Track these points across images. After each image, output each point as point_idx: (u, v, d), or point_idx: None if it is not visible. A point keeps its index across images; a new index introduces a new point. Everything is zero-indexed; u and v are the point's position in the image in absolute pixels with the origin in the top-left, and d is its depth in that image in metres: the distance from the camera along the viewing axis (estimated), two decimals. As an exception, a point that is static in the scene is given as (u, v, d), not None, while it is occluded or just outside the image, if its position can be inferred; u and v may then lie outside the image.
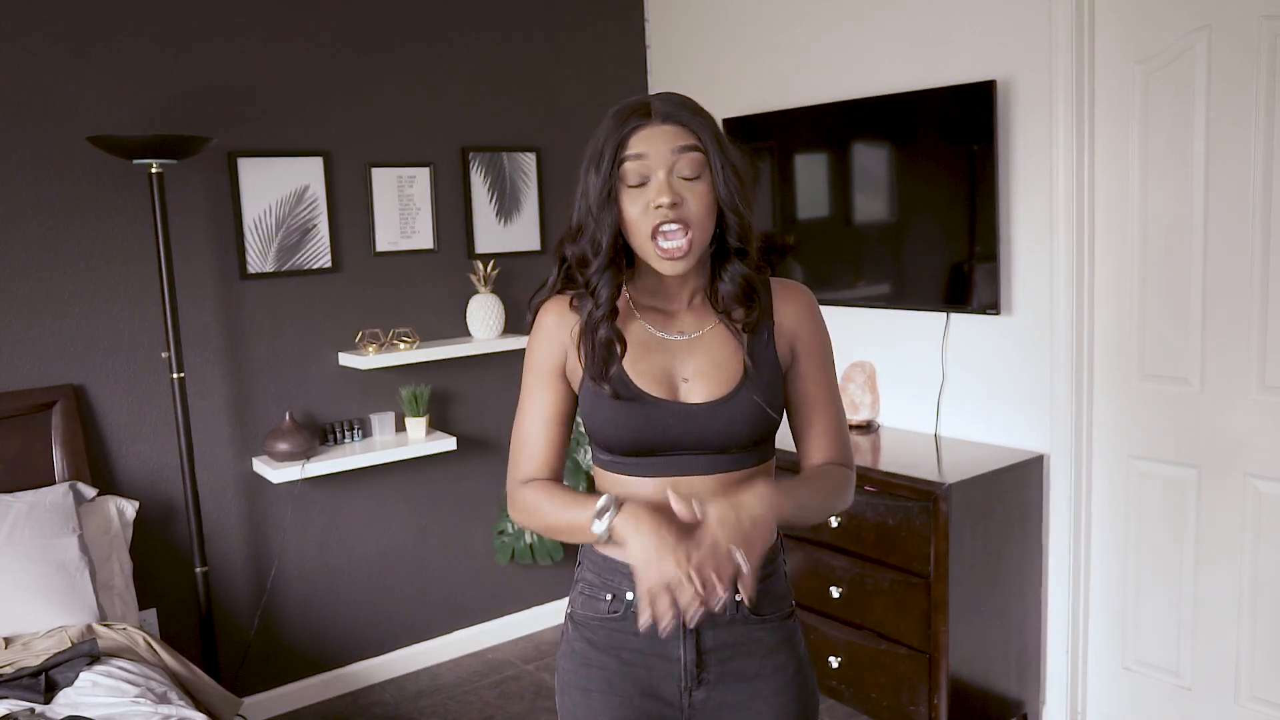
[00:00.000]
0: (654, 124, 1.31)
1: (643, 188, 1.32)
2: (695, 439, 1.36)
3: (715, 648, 1.41)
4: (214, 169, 3.11)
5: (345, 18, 3.31)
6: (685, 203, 1.31)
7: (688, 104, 1.35)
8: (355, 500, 3.45)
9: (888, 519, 2.77)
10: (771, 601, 1.45)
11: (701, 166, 1.32)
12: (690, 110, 1.34)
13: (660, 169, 1.31)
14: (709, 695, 1.42)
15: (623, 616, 1.41)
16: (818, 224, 3.39)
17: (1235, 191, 2.50)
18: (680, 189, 1.31)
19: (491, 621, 3.80)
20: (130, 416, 3.02)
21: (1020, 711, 2.95)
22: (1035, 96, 2.80)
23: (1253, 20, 2.41)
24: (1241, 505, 2.58)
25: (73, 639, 2.39)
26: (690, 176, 1.31)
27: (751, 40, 3.60)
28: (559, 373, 1.44)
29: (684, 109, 1.33)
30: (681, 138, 1.31)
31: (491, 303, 3.53)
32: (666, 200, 1.29)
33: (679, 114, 1.32)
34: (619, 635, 1.42)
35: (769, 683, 1.43)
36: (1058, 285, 2.82)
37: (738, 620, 1.42)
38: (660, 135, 1.31)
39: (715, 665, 1.41)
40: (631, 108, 1.34)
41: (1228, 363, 2.56)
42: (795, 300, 1.45)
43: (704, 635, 1.41)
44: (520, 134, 3.72)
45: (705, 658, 1.41)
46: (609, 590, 1.42)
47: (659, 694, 1.42)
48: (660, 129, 1.31)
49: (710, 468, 1.37)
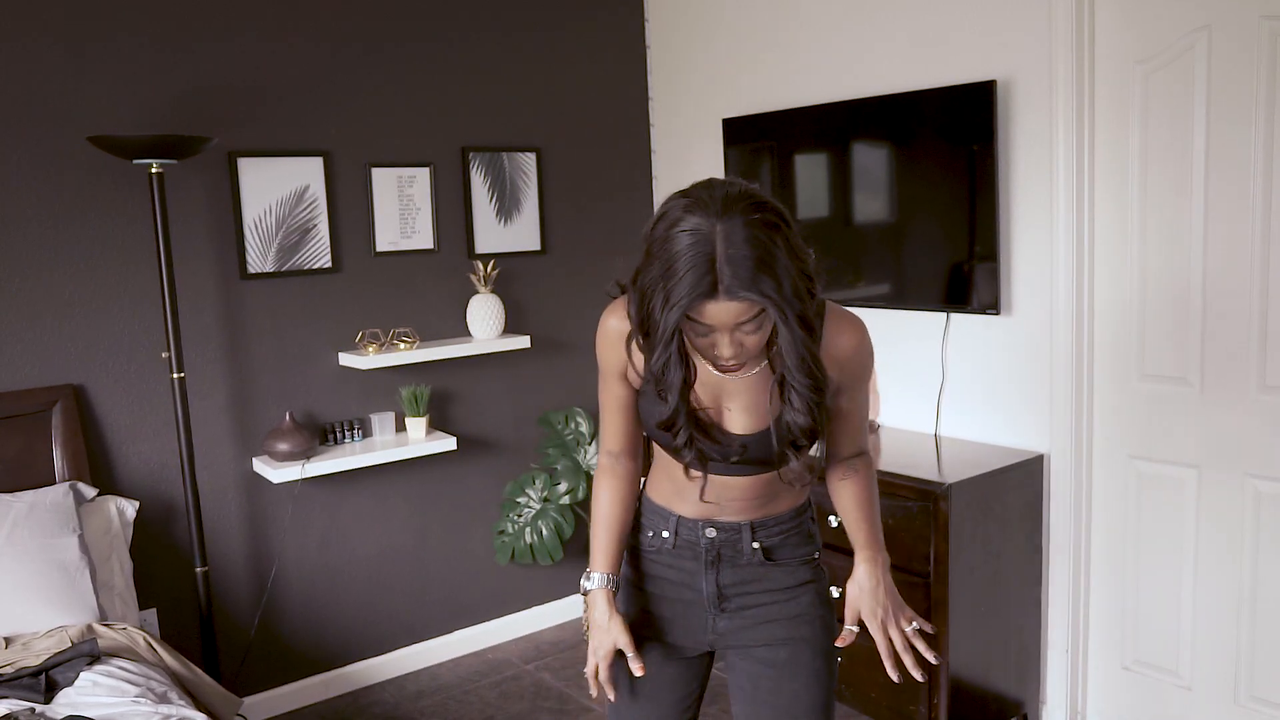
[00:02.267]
0: (720, 300, 1.33)
1: (708, 336, 1.39)
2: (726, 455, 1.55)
3: (733, 583, 1.67)
4: (214, 169, 3.11)
5: (345, 18, 3.31)
6: (744, 349, 1.40)
7: (758, 261, 1.31)
8: (355, 500, 3.45)
9: (888, 519, 2.77)
10: (788, 549, 1.68)
11: (762, 321, 1.37)
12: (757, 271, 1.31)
13: (724, 332, 1.37)
14: (731, 623, 1.67)
15: (658, 550, 1.69)
16: (818, 224, 3.39)
17: (1235, 191, 2.50)
18: (741, 339, 1.38)
19: (491, 621, 3.80)
20: (130, 416, 3.02)
21: (1020, 711, 2.95)
22: (1035, 96, 2.80)
23: (1253, 20, 2.41)
24: (1241, 505, 2.58)
25: (73, 639, 2.39)
26: (751, 331, 1.38)
27: (751, 40, 3.60)
28: (620, 374, 1.62)
29: (753, 278, 1.31)
30: (746, 312, 1.34)
31: (491, 303, 3.53)
32: (727, 355, 1.39)
33: (745, 293, 1.31)
34: (657, 565, 1.70)
35: (782, 609, 1.67)
36: (1058, 285, 2.82)
37: (754, 563, 1.66)
38: (726, 311, 1.34)
39: (735, 598, 1.67)
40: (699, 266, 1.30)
41: (1227, 363, 2.56)
42: (847, 334, 1.55)
43: (723, 572, 1.66)
44: (520, 134, 3.72)
45: (725, 590, 1.66)
46: (650, 528, 1.71)
47: (689, 621, 1.69)
48: (726, 306, 1.33)
49: (746, 473, 1.59)
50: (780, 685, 1.67)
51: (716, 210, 1.31)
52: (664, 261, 1.33)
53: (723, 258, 1.30)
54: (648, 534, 1.71)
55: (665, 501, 1.67)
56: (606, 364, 1.62)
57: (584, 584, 1.66)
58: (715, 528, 1.64)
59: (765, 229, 1.32)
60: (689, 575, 1.67)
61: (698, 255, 1.30)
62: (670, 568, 1.69)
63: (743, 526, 1.65)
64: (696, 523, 1.65)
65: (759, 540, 1.65)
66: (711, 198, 1.33)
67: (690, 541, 1.65)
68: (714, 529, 1.64)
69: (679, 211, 1.34)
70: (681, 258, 1.31)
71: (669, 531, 1.67)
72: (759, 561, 1.66)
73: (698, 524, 1.65)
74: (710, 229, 1.30)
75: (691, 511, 1.64)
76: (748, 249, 1.30)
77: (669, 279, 1.32)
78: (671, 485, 1.65)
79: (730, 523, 1.65)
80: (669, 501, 1.67)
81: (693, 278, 1.31)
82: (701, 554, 1.65)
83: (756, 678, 1.68)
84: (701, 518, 1.64)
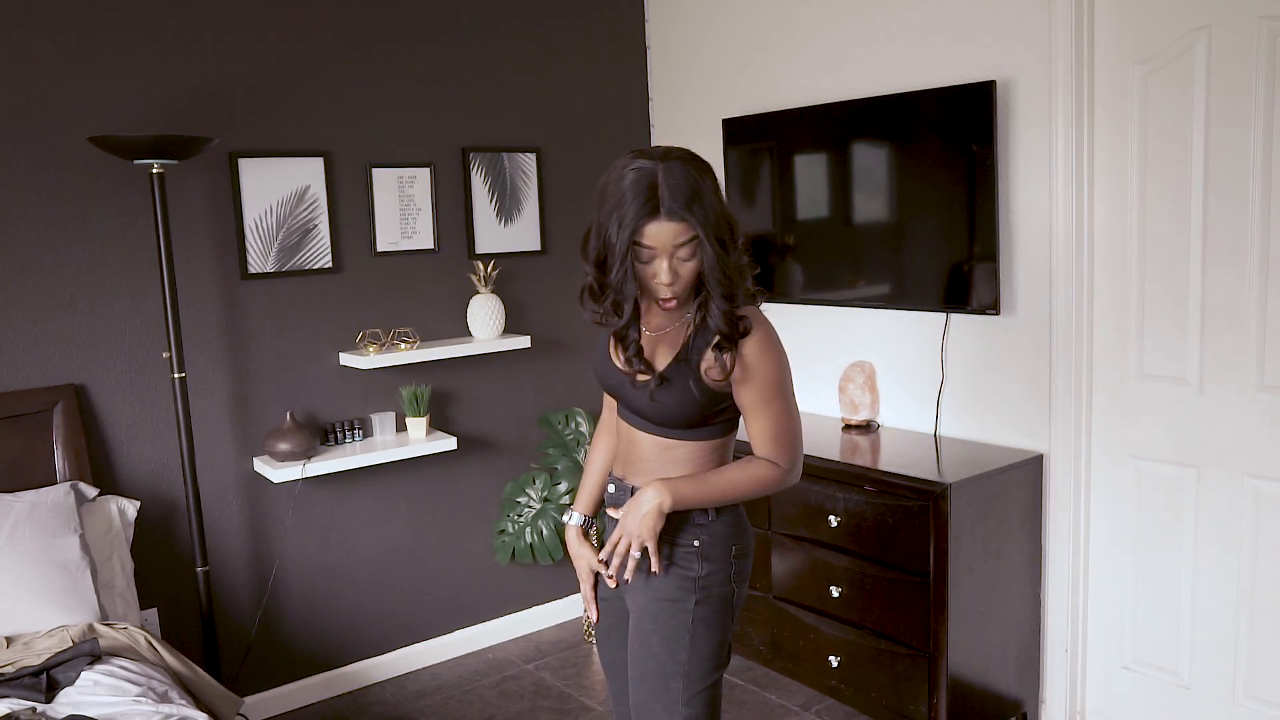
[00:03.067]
0: (661, 220, 1.68)
1: (650, 263, 1.73)
2: (625, 401, 1.90)
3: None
4: (215, 169, 3.11)
5: (345, 18, 3.31)
6: (679, 278, 1.75)
7: (691, 192, 1.68)
8: (356, 500, 3.46)
9: (888, 519, 2.78)
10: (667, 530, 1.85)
11: (694, 250, 1.72)
12: (690, 200, 1.68)
13: (663, 256, 1.72)
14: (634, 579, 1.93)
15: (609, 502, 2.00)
16: (817, 224, 3.39)
17: (1234, 191, 2.50)
18: (676, 267, 1.73)
19: (491, 621, 3.80)
20: (131, 416, 3.03)
21: (1020, 711, 2.96)
22: (1035, 96, 2.80)
23: (1253, 20, 2.42)
24: (1241, 505, 2.58)
25: (74, 638, 2.40)
26: (685, 259, 1.73)
27: (751, 40, 3.60)
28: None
29: (687, 204, 1.67)
30: (682, 234, 1.69)
31: (492, 303, 3.54)
32: (665, 281, 1.74)
33: (681, 212, 1.68)
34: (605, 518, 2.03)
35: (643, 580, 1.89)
36: (1057, 285, 2.82)
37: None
38: (666, 231, 1.69)
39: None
40: (644, 193, 1.67)
41: (1226, 362, 2.57)
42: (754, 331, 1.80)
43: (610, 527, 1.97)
44: (520, 134, 3.72)
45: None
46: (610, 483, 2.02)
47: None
48: (666, 225, 1.68)
49: (639, 426, 1.89)
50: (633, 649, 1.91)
51: (659, 155, 1.69)
52: (616, 196, 1.69)
53: (663, 186, 1.67)
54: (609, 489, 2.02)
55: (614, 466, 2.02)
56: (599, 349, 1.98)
57: (564, 519, 2.10)
58: (616, 486, 1.96)
59: (697, 171, 1.70)
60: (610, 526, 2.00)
61: (643, 185, 1.67)
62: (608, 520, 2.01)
63: (632, 490, 1.90)
64: (616, 479, 1.97)
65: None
66: (654, 149, 1.71)
67: (612, 495, 1.98)
68: (614, 486, 1.97)
69: (627, 159, 1.71)
70: (630, 189, 1.67)
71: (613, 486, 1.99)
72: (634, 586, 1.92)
73: (616, 479, 1.98)
74: (654, 166, 1.68)
75: (618, 469, 1.97)
76: (683, 181, 1.68)
77: (620, 207, 1.68)
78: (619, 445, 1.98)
79: (627, 485, 1.93)
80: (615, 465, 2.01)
81: (639, 201, 1.67)
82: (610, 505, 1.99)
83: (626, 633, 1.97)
84: (618, 476, 1.96)
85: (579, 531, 2.06)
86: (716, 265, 1.71)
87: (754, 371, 1.79)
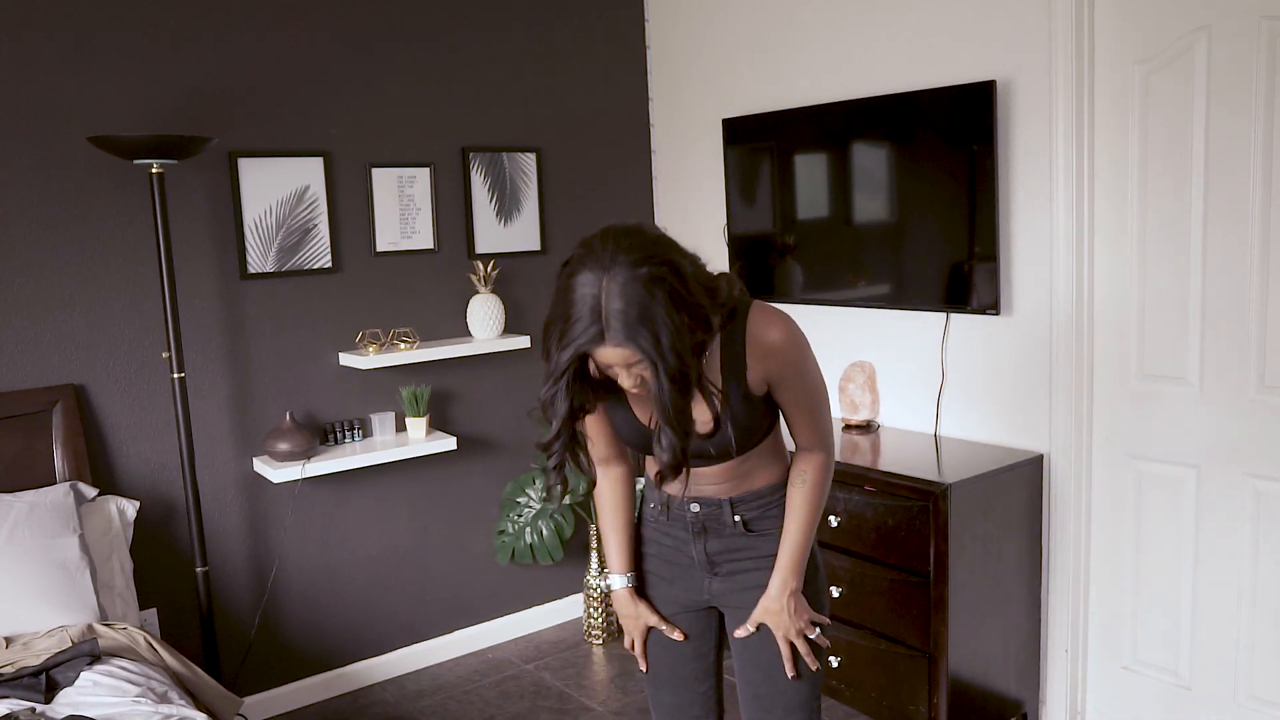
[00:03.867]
0: (606, 346, 1.50)
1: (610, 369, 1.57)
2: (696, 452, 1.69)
3: (720, 551, 1.84)
4: (214, 169, 3.11)
5: (345, 18, 3.31)
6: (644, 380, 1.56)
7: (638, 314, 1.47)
8: (355, 500, 3.45)
9: (888, 519, 2.78)
10: (769, 521, 1.83)
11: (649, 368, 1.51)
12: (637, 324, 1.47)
13: (621, 368, 1.55)
14: (724, 584, 1.86)
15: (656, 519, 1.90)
16: (818, 224, 3.39)
17: (1235, 191, 2.50)
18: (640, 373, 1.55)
19: (491, 621, 3.80)
20: (131, 416, 3.03)
21: (1020, 711, 2.95)
22: (1035, 97, 2.80)
23: (1253, 20, 2.41)
24: (1241, 505, 2.58)
25: (73, 639, 2.40)
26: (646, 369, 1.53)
27: (751, 40, 3.60)
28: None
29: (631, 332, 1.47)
30: (632, 356, 1.50)
31: (492, 303, 3.54)
32: (629, 386, 1.58)
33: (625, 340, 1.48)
34: (657, 531, 1.91)
35: (767, 577, 1.81)
36: (1057, 285, 2.82)
37: (737, 533, 1.83)
38: (614, 354, 1.51)
39: (724, 564, 1.85)
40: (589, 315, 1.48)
41: (1227, 362, 2.57)
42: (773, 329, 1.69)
43: (709, 542, 1.84)
44: (520, 134, 3.72)
45: (713, 557, 1.85)
46: (650, 500, 1.92)
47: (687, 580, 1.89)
48: (613, 350, 1.50)
49: (707, 464, 1.76)
50: (764, 646, 1.83)
51: (605, 264, 1.47)
52: (563, 306, 1.51)
53: (607, 309, 1.47)
54: (649, 505, 1.92)
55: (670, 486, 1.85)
56: None
57: (605, 584, 1.89)
58: (699, 503, 1.82)
59: (649, 283, 1.47)
60: (681, 544, 1.87)
61: (587, 304, 1.48)
62: (667, 535, 1.89)
63: (723, 503, 1.81)
64: (683, 501, 1.83)
65: (739, 514, 1.82)
66: (604, 250, 1.49)
67: (679, 515, 1.85)
68: (697, 504, 1.82)
69: (577, 262, 1.51)
70: (575, 305, 1.49)
71: (660, 506, 1.87)
72: (741, 532, 1.83)
73: (684, 502, 1.83)
74: (598, 281, 1.47)
75: (676, 490, 1.80)
76: (627, 304, 1.46)
77: (564, 322, 1.51)
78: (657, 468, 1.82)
79: (711, 499, 1.81)
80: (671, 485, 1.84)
81: (583, 324, 1.48)
82: (689, 525, 1.84)
83: (746, 638, 1.86)
84: (686, 496, 1.82)
85: (630, 592, 1.91)
86: (666, 404, 1.51)
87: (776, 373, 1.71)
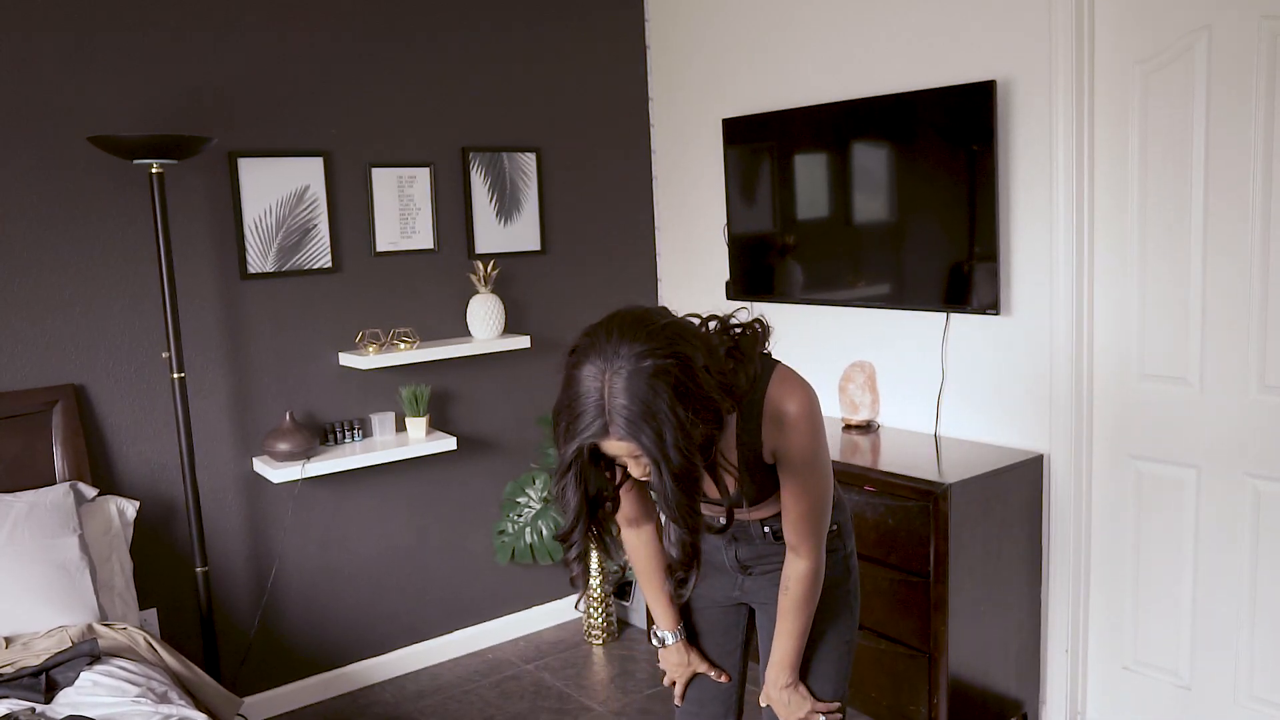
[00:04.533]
0: (610, 440, 1.47)
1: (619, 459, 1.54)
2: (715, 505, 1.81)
3: (750, 556, 1.93)
4: (214, 169, 3.11)
5: (345, 18, 3.31)
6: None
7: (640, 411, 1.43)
8: (355, 500, 3.45)
9: (888, 519, 2.77)
10: None
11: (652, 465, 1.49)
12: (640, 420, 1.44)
13: (629, 458, 1.51)
14: (755, 582, 1.95)
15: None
16: (817, 224, 3.39)
17: (1234, 191, 2.50)
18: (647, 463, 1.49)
19: (491, 621, 3.80)
20: (131, 416, 3.03)
21: (1020, 711, 2.95)
22: (1035, 96, 2.80)
23: (1253, 20, 2.41)
24: (1241, 505, 2.58)
25: (73, 639, 2.40)
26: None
27: (751, 40, 3.60)
28: None
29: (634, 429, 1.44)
30: (635, 450, 1.47)
31: (492, 303, 3.53)
32: (638, 474, 1.55)
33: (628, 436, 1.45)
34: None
35: None
36: (1057, 285, 2.82)
37: (766, 542, 1.90)
38: (619, 447, 1.48)
39: (755, 566, 1.94)
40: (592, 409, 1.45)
41: (1227, 362, 2.57)
42: (776, 415, 1.69)
43: (740, 549, 1.92)
44: (520, 134, 3.72)
45: (744, 561, 1.93)
46: None
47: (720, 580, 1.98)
48: (617, 444, 1.47)
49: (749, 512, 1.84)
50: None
51: (609, 356, 1.44)
52: (568, 398, 1.48)
53: (610, 405, 1.44)
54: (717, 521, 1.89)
55: None
56: None
57: (656, 638, 2.02)
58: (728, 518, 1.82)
59: (653, 378, 1.43)
60: (713, 549, 1.94)
61: (591, 399, 1.45)
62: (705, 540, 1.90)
63: (751, 523, 1.89)
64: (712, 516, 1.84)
65: (768, 526, 1.88)
66: (608, 342, 1.45)
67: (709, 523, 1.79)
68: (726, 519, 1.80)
69: (581, 353, 1.48)
70: (580, 399, 1.46)
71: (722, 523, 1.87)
72: (771, 541, 1.89)
73: (713, 516, 1.84)
74: (601, 375, 1.44)
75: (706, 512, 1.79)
76: (629, 400, 1.43)
77: (569, 415, 1.48)
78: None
79: (741, 519, 1.87)
80: None
81: (587, 419, 1.46)
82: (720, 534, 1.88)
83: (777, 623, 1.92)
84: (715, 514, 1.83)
85: (682, 644, 2.00)
86: (671, 501, 1.49)
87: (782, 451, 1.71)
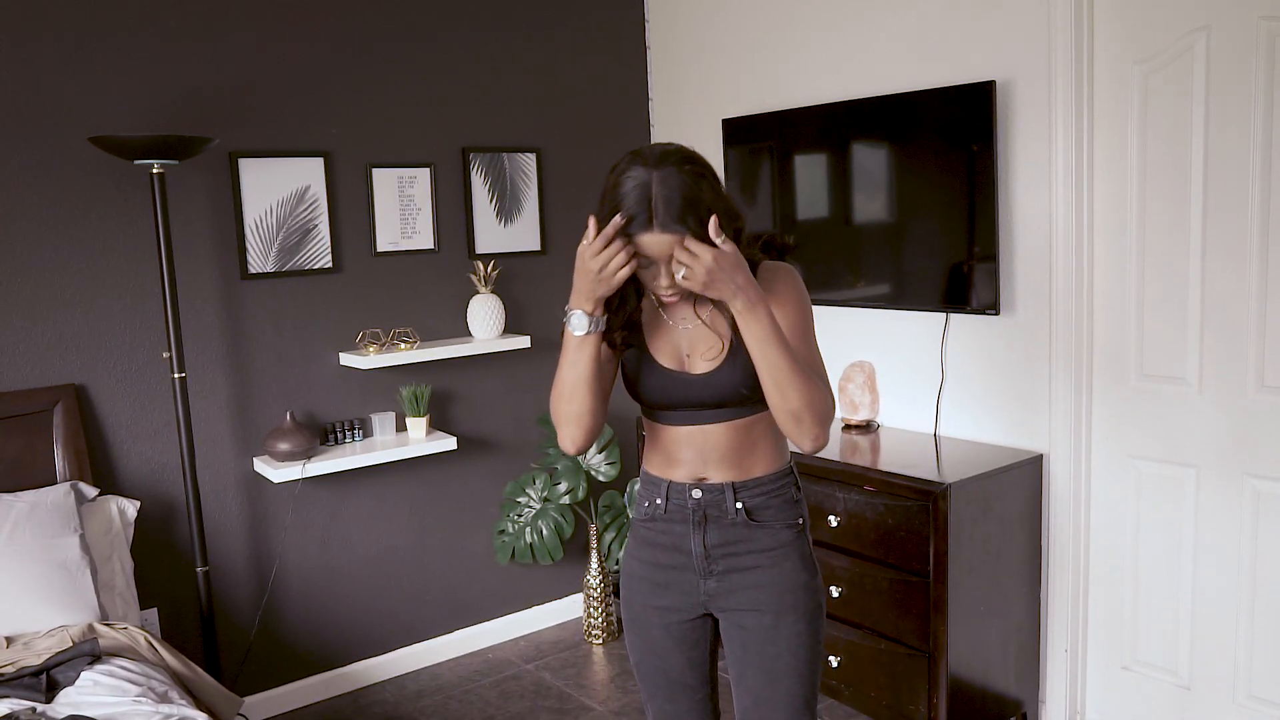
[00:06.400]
0: (655, 232, 1.61)
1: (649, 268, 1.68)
2: (698, 399, 1.79)
3: (719, 543, 1.83)
4: (215, 169, 3.11)
5: (345, 18, 3.31)
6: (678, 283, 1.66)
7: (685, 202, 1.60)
8: (356, 500, 3.46)
9: (887, 519, 2.78)
10: (770, 511, 1.83)
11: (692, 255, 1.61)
12: (684, 210, 1.60)
13: (661, 263, 1.66)
14: (719, 585, 1.84)
15: (652, 518, 1.87)
16: (817, 224, 3.39)
17: (1234, 191, 2.50)
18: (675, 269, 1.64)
19: (491, 621, 3.80)
20: (131, 416, 3.03)
21: (1020, 711, 2.96)
22: (1034, 97, 2.80)
23: (1252, 21, 2.42)
24: (1241, 505, 2.58)
25: (74, 638, 2.40)
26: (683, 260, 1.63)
27: (751, 40, 3.60)
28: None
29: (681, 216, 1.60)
30: (677, 245, 1.61)
31: (492, 303, 3.54)
32: (665, 285, 1.68)
33: (675, 225, 1.60)
34: (650, 533, 1.89)
35: (767, 575, 1.83)
36: (1057, 285, 2.82)
37: (738, 523, 1.82)
38: (660, 243, 1.62)
39: (721, 559, 1.83)
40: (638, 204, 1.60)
41: (1226, 362, 2.57)
42: (774, 282, 1.79)
43: (709, 532, 1.82)
44: (520, 134, 3.72)
45: (711, 551, 1.83)
46: (645, 499, 1.90)
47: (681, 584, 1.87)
48: (660, 238, 1.61)
49: (714, 419, 1.79)
50: (765, 648, 1.84)
51: (654, 162, 1.62)
52: (612, 202, 1.62)
53: (657, 198, 1.60)
54: (643, 505, 1.91)
55: (659, 471, 1.87)
56: None
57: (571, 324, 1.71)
58: (701, 489, 1.82)
59: (693, 176, 1.63)
60: (679, 538, 1.85)
61: (638, 195, 1.60)
62: (662, 533, 1.87)
63: (725, 487, 1.81)
64: (685, 486, 1.82)
65: (741, 500, 1.81)
66: (651, 153, 1.64)
67: (679, 505, 1.84)
68: (700, 490, 1.82)
69: (625, 164, 1.64)
70: (626, 198, 1.61)
71: (661, 499, 1.86)
72: (743, 522, 1.82)
73: (685, 486, 1.82)
74: (648, 175, 1.61)
75: (681, 475, 1.83)
76: (677, 191, 1.60)
77: (612, 213, 1.61)
78: (663, 455, 1.85)
79: (714, 484, 1.82)
80: (662, 470, 1.86)
81: (633, 213, 1.60)
82: (689, 515, 1.83)
83: (745, 641, 1.85)
84: (690, 480, 1.82)
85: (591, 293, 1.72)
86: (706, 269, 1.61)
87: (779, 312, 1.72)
